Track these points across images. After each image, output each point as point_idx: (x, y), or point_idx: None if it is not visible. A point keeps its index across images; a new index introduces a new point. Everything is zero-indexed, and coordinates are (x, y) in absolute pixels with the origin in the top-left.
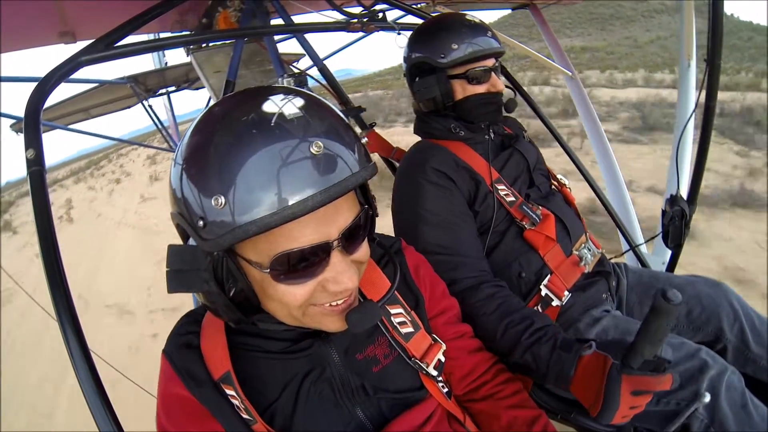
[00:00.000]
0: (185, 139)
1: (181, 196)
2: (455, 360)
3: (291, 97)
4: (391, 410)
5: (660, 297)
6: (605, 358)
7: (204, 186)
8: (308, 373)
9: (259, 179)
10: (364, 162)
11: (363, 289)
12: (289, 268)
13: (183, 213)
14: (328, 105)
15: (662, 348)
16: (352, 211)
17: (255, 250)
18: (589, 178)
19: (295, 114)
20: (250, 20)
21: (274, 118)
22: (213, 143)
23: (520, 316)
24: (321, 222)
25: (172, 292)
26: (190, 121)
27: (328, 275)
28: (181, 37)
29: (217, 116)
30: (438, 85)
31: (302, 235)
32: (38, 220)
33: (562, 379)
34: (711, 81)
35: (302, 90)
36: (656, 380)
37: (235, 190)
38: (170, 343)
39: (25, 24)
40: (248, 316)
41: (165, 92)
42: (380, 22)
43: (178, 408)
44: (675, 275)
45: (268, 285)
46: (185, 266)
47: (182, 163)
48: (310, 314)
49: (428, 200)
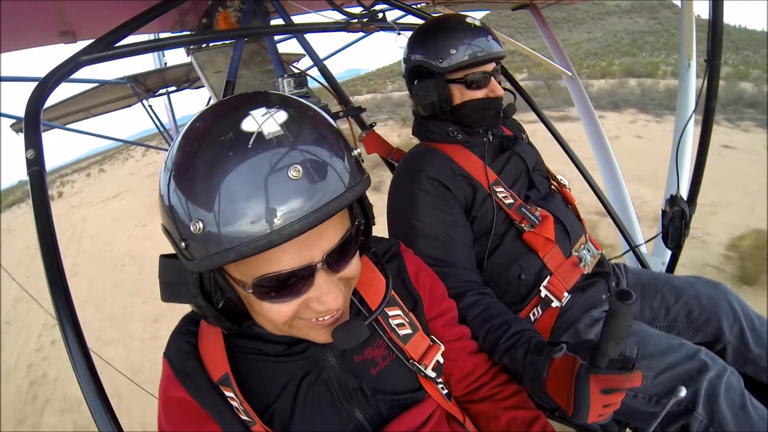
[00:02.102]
0: (170, 153)
1: (169, 211)
2: (454, 361)
3: (274, 111)
4: (390, 411)
5: (614, 298)
6: (574, 359)
7: (184, 208)
8: (305, 375)
9: (237, 204)
10: (355, 178)
11: (361, 290)
12: (271, 289)
13: (170, 229)
14: (316, 117)
15: (626, 346)
16: (339, 231)
17: (238, 270)
18: (589, 179)
19: (275, 132)
20: (250, 20)
21: (252, 138)
22: (191, 164)
23: (500, 321)
24: (302, 246)
25: (165, 301)
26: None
27: (312, 294)
28: (181, 37)
29: (197, 134)
30: (436, 89)
31: (283, 259)
32: (38, 220)
33: (537, 381)
34: (711, 81)
35: (290, 98)
36: (624, 378)
37: (211, 214)
38: (170, 345)
39: (25, 24)
40: (240, 322)
41: (165, 92)
42: (380, 22)
43: (178, 410)
44: (675, 276)
45: (253, 301)
46: (174, 279)
47: (168, 177)
48: (297, 327)
49: (422, 211)
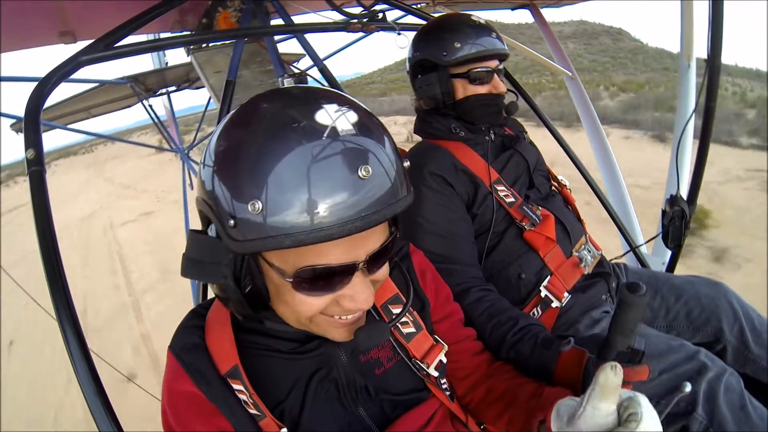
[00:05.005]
0: (221, 127)
1: (211, 189)
2: (457, 363)
3: (345, 110)
4: (394, 410)
5: (625, 290)
6: (582, 352)
7: (240, 185)
8: (315, 372)
9: (301, 193)
10: (406, 189)
11: None
12: (311, 280)
13: (211, 206)
14: (380, 125)
15: (635, 339)
16: (382, 236)
17: (281, 257)
18: (590, 179)
19: (348, 131)
20: (250, 20)
21: (327, 131)
22: (257, 142)
23: (506, 317)
24: (353, 244)
25: (186, 277)
26: (188, 117)
27: (346, 292)
28: (181, 37)
29: (264, 114)
30: (439, 82)
31: (332, 253)
32: (38, 220)
33: (544, 375)
34: (711, 81)
35: (355, 101)
36: (632, 371)
37: (274, 198)
38: (176, 339)
39: (25, 24)
40: (257, 312)
41: (165, 92)
42: (380, 22)
43: (186, 406)
44: (674, 275)
45: (286, 291)
46: (205, 258)
47: (216, 154)
48: (317, 322)
49: (426, 208)
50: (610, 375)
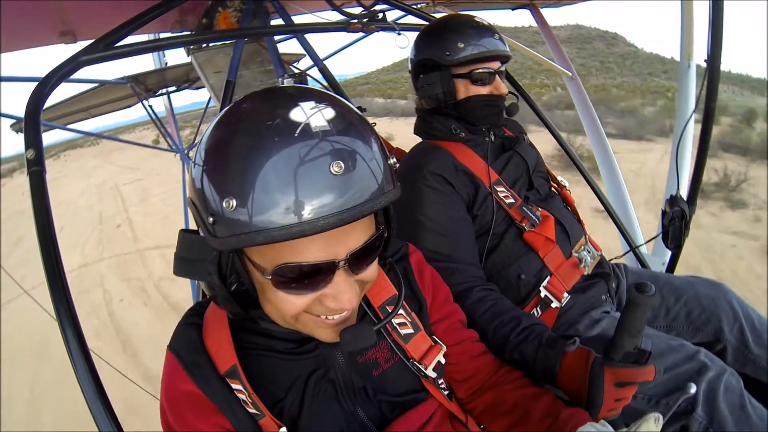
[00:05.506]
0: (209, 128)
1: (200, 187)
2: (456, 365)
3: (322, 107)
4: (392, 411)
5: (634, 290)
6: (588, 352)
7: (218, 183)
8: (313, 372)
9: (273, 189)
10: (388, 185)
11: (368, 293)
12: (290, 278)
13: (197, 204)
14: (361, 120)
15: (642, 339)
16: (365, 233)
17: (260, 254)
18: (590, 179)
19: (322, 127)
20: (250, 20)
21: (299, 128)
22: (233, 143)
23: (509, 317)
24: (330, 242)
25: (177, 275)
26: (187, 114)
27: (328, 291)
28: (181, 37)
29: (242, 113)
30: (441, 82)
31: (308, 251)
32: (38, 220)
33: (549, 375)
34: (711, 81)
35: (338, 98)
36: (638, 371)
37: (247, 195)
38: (176, 338)
39: (25, 24)
40: (247, 310)
41: (165, 92)
42: (380, 22)
43: (185, 404)
44: (674, 276)
45: (268, 289)
46: (192, 255)
47: (200, 153)
48: (303, 322)
49: (428, 206)
50: (651, 426)
